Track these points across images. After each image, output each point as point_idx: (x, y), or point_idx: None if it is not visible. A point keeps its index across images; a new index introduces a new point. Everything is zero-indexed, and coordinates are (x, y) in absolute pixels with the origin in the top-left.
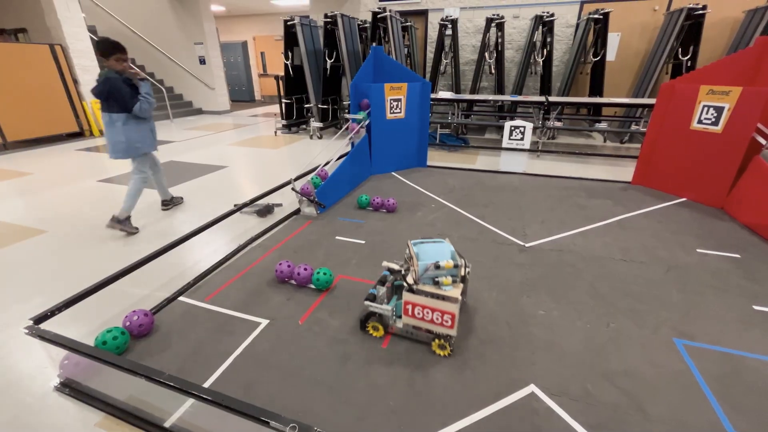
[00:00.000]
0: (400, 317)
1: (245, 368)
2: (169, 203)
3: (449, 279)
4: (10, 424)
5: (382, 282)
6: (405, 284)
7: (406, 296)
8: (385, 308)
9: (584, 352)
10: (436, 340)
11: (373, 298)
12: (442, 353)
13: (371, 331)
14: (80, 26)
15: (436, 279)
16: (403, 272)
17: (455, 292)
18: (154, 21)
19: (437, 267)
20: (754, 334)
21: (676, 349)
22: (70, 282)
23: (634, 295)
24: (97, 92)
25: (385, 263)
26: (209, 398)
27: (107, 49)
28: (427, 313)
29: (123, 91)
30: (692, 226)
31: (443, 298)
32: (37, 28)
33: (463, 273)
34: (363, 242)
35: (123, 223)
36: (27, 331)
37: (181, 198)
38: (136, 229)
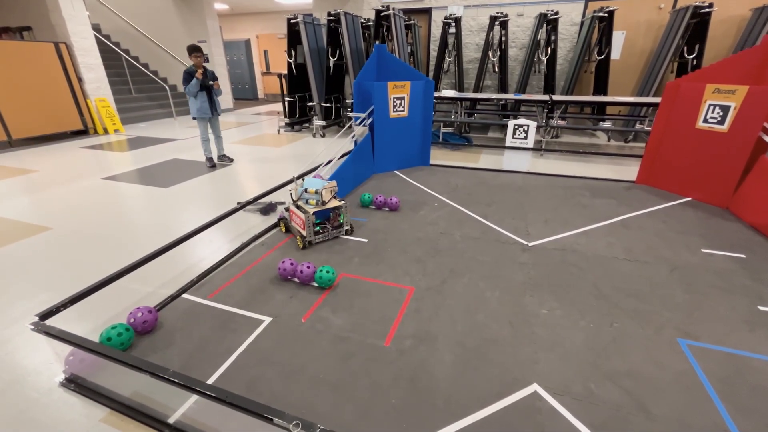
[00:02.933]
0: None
1: (248, 365)
2: (222, 158)
3: (313, 201)
4: (17, 419)
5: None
6: (291, 201)
7: (291, 208)
8: (285, 214)
9: (587, 352)
10: (299, 237)
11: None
12: (301, 245)
13: (282, 228)
14: (85, 24)
15: (307, 199)
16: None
17: (311, 208)
18: (157, 19)
19: (306, 190)
20: (759, 335)
21: (680, 349)
22: (75, 279)
23: (637, 295)
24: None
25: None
26: (213, 395)
27: (189, 50)
28: (298, 219)
29: (184, 79)
30: (697, 226)
31: (305, 211)
32: (42, 26)
33: (324, 198)
34: (366, 240)
35: (209, 161)
36: (32, 327)
37: (232, 159)
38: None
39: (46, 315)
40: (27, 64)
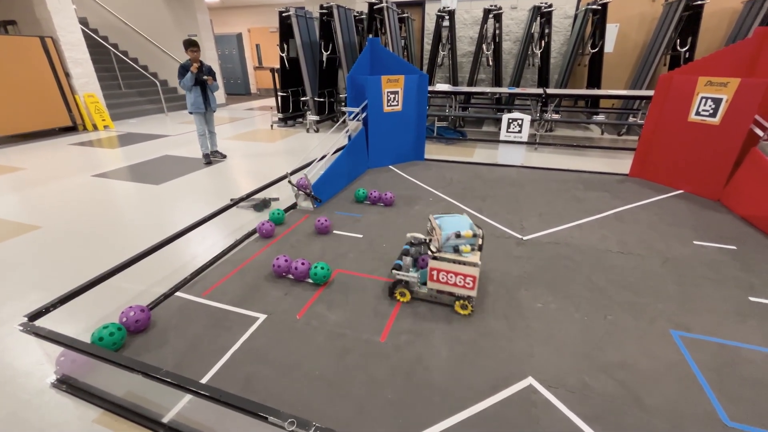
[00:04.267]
0: (424, 284)
1: (243, 363)
2: (215, 154)
3: (468, 247)
4: (7, 421)
5: (406, 253)
6: (429, 252)
7: (432, 263)
8: (412, 276)
9: (582, 345)
10: (459, 301)
11: (399, 268)
12: (464, 312)
13: (399, 297)
14: (71, 18)
15: (457, 247)
16: (427, 241)
17: (475, 257)
18: (146, 13)
19: (458, 236)
20: (750, 326)
21: (672, 340)
22: (66, 278)
23: (631, 287)
24: None
25: (409, 234)
26: (207, 394)
27: (185, 45)
28: (450, 277)
29: (179, 73)
30: (689, 219)
31: (464, 263)
32: (27, 20)
33: (480, 242)
34: (360, 236)
35: (206, 157)
36: (21, 328)
37: (225, 155)
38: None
39: (35, 315)
40: (12, 59)
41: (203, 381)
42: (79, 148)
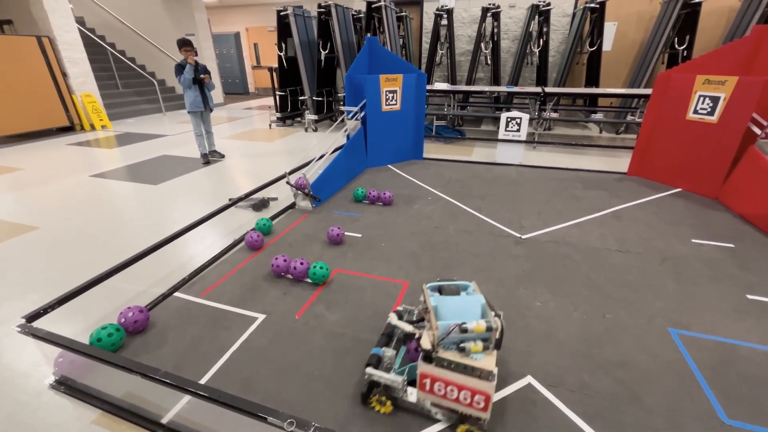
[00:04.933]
0: (413, 384)
1: (242, 364)
2: (213, 154)
3: (479, 345)
4: (6, 423)
5: (389, 337)
6: (421, 350)
7: (423, 367)
8: (394, 379)
9: (580, 343)
10: (463, 424)
11: (377, 361)
12: None
13: (376, 406)
14: (68, 17)
15: (462, 345)
16: (417, 334)
17: (489, 362)
18: (143, 12)
19: (463, 330)
20: (748, 323)
21: (670, 338)
22: (64, 278)
23: (629, 285)
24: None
25: (392, 318)
26: (206, 395)
27: (178, 44)
28: (451, 390)
29: (176, 72)
30: (687, 217)
31: (473, 370)
32: (24, 19)
33: (498, 336)
34: (360, 236)
35: (204, 157)
36: (20, 329)
37: (223, 155)
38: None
39: (33, 317)
40: (8, 59)
41: (202, 381)
42: (77, 148)
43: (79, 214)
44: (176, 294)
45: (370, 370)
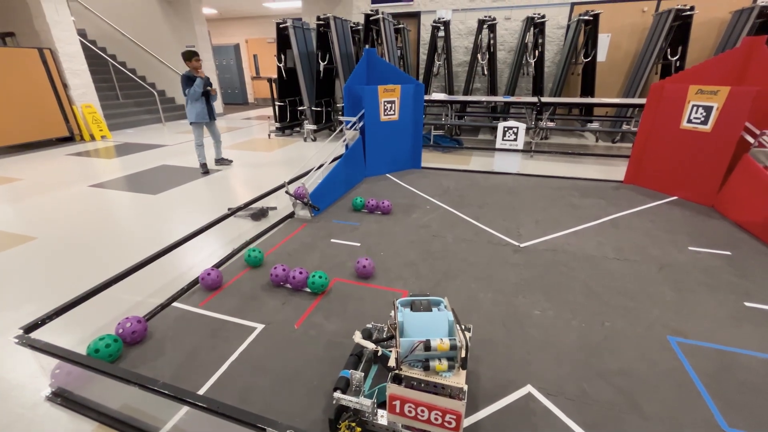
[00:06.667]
0: (383, 406)
1: (241, 374)
2: (222, 161)
3: (444, 364)
4: None
5: (358, 357)
6: (387, 368)
7: (391, 388)
8: (363, 402)
9: (579, 352)
10: None
11: (345, 385)
12: None
13: None
14: (70, 30)
15: (427, 363)
16: (380, 352)
17: (458, 379)
18: (145, 24)
19: (427, 348)
20: (746, 331)
21: (669, 346)
22: (62, 289)
23: (627, 293)
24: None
25: (357, 337)
26: (204, 405)
27: (187, 56)
28: (422, 411)
29: (183, 84)
30: (684, 225)
31: (443, 388)
32: (26, 32)
33: (464, 354)
34: (358, 245)
35: (203, 167)
36: (17, 340)
37: (231, 160)
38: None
39: (31, 327)
40: (10, 71)
41: (200, 392)
42: (77, 158)
43: (77, 224)
44: (174, 304)
45: (337, 394)
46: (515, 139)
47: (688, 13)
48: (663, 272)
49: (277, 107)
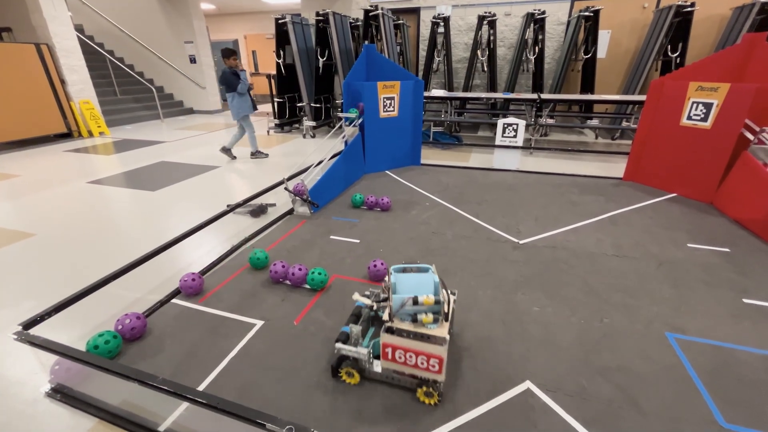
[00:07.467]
0: (378, 358)
1: (240, 370)
2: (255, 155)
3: (430, 316)
4: None
5: (357, 317)
6: (383, 321)
7: (384, 337)
8: (360, 351)
9: (578, 348)
10: (422, 387)
11: (345, 338)
12: (428, 401)
13: (345, 378)
14: (67, 25)
15: (415, 316)
16: (375, 306)
17: (441, 330)
18: (143, 20)
19: (415, 302)
20: (745, 327)
21: (668, 343)
22: (61, 286)
23: (626, 290)
24: (219, 81)
25: (356, 296)
26: (204, 401)
27: (226, 53)
28: (410, 356)
29: (230, 79)
30: (683, 222)
31: (428, 338)
32: (22, 27)
33: (447, 309)
34: (358, 241)
35: (227, 152)
36: (16, 337)
37: (267, 154)
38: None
39: (30, 324)
40: (7, 66)
41: (200, 388)
42: (74, 154)
43: (76, 220)
44: (174, 300)
45: (339, 345)
46: (515, 136)
47: (689, 9)
48: (662, 269)
49: (276, 103)
